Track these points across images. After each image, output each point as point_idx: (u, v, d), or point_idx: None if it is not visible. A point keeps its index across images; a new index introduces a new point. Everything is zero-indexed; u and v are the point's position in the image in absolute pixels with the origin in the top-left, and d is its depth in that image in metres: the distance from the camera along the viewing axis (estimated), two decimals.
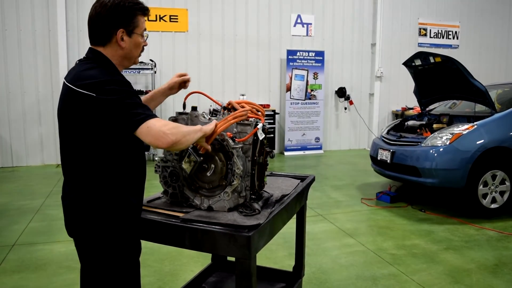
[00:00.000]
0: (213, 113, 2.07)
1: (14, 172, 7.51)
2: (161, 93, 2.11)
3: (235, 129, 1.94)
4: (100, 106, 1.54)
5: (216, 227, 1.73)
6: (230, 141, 1.84)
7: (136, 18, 1.71)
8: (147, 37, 1.79)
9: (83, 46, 7.98)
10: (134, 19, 1.70)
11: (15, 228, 4.46)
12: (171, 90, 2.11)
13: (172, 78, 2.12)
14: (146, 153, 8.25)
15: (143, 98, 2.03)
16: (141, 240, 1.87)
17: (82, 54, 1.77)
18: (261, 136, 1.94)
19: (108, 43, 1.69)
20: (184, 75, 2.10)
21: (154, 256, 3.68)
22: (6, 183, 6.61)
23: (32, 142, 8.03)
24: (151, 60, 8.19)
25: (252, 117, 1.94)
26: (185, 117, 1.98)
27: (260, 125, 1.93)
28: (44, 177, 6.99)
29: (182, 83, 2.12)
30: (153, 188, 5.13)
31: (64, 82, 1.67)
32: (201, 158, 1.84)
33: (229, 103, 2.01)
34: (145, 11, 1.75)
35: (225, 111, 1.98)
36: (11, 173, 7.43)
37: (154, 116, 1.60)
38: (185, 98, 2.04)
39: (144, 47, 1.81)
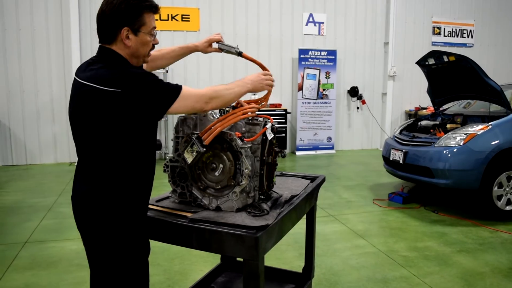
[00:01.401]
0: (223, 112, 2.05)
1: (27, 170, 7.61)
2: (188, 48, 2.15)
3: (243, 129, 1.92)
4: (128, 99, 1.54)
5: (224, 227, 1.71)
6: (239, 140, 1.82)
7: (143, 16, 1.66)
8: (156, 35, 1.74)
9: (96, 44, 7.94)
10: (140, 17, 1.65)
11: (28, 225, 4.51)
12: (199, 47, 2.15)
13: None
14: (157, 151, 8.32)
15: (156, 52, 2.06)
16: (150, 240, 1.86)
17: (95, 53, 1.76)
18: (270, 135, 1.92)
19: (114, 42, 1.68)
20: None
21: (163, 255, 3.68)
22: (20, 181, 6.70)
23: (46, 140, 8.12)
24: None
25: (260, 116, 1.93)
26: (194, 116, 1.97)
27: (269, 125, 1.91)
28: (57, 175, 7.07)
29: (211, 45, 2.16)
30: (163, 187, 5.14)
31: (77, 80, 1.64)
32: (204, 149, 1.82)
33: (237, 103, 2.00)
34: (153, 8, 1.69)
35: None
36: (25, 171, 7.53)
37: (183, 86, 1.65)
38: None
39: (155, 45, 1.78)
